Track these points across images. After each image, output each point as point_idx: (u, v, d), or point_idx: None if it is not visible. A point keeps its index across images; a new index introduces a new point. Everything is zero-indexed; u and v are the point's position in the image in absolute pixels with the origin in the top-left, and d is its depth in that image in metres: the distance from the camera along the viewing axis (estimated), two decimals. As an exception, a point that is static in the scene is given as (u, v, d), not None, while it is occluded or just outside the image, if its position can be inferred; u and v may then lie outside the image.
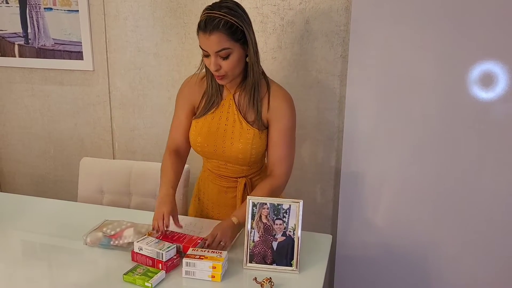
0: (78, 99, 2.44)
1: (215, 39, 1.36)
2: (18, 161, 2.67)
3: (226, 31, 1.36)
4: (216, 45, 1.37)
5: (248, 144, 1.51)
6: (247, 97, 1.51)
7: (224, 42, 1.37)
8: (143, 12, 2.19)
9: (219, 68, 1.41)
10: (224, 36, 1.36)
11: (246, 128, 1.51)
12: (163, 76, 2.26)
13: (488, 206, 1.80)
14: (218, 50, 1.37)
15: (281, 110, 1.50)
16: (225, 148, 1.53)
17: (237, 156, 1.53)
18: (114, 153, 2.47)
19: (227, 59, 1.39)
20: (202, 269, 1.28)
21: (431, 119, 1.78)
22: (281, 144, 1.52)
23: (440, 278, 1.92)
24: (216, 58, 1.39)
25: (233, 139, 1.52)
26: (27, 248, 1.49)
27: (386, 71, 1.79)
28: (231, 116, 1.53)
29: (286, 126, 1.52)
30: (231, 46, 1.38)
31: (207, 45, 1.38)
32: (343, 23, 1.93)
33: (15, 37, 2.43)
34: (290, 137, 1.53)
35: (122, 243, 1.44)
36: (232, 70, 1.42)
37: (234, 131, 1.52)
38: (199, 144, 1.56)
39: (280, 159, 1.53)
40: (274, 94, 1.51)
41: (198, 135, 1.56)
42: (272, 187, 1.51)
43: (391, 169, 1.88)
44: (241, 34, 1.39)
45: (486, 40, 1.66)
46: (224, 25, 1.35)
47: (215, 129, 1.54)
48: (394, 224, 1.93)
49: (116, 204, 1.98)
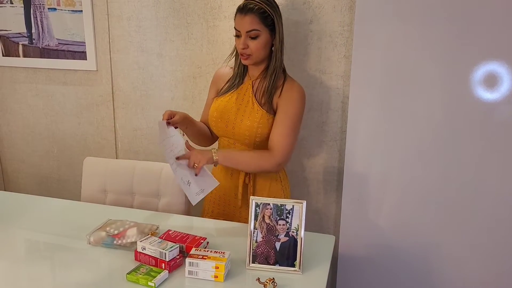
0: (81, 99, 2.45)
1: (248, 20, 1.57)
2: (22, 161, 2.68)
3: (259, 15, 1.57)
4: (248, 25, 1.57)
5: (255, 122, 1.64)
6: (265, 83, 1.66)
7: (255, 24, 1.57)
8: (146, 12, 2.20)
9: (247, 47, 1.60)
10: (256, 18, 1.57)
11: (256, 109, 1.65)
12: (166, 76, 2.26)
13: (491, 208, 1.79)
14: (249, 30, 1.57)
15: (291, 97, 1.64)
16: (235, 125, 1.67)
17: (244, 133, 1.65)
18: (117, 152, 2.48)
19: (255, 39, 1.59)
20: (205, 269, 1.28)
21: (435, 120, 1.78)
22: (284, 123, 1.63)
23: (443, 279, 1.91)
24: (246, 38, 1.59)
25: (243, 116, 1.66)
26: (31, 247, 1.49)
27: (390, 72, 1.79)
28: (246, 97, 1.68)
29: (291, 111, 1.63)
30: (260, 29, 1.58)
31: (241, 24, 1.59)
32: (346, 23, 1.93)
33: (19, 37, 2.44)
34: (293, 121, 1.64)
35: (125, 242, 1.44)
36: (258, 52, 1.61)
37: (246, 110, 1.66)
38: (214, 118, 1.72)
39: (280, 134, 1.63)
40: (288, 85, 1.67)
41: (215, 110, 1.72)
42: (262, 157, 1.63)
43: (394, 170, 1.87)
44: (271, 21, 1.60)
45: (491, 41, 1.66)
46: (258, 10, 1.57)
47: (230, 107, 1.69)
48: (397, 225, 1.92)
49: (119, 203, 1.98)
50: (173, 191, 1.95)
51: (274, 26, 1.61)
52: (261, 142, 1.67)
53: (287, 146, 1.63)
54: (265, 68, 1.69)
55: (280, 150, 1.62)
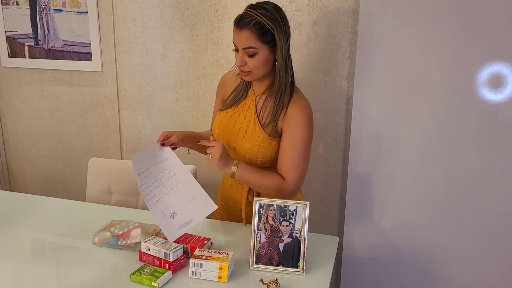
0: (86, 100, 2.46)
1: (244, 36, 1.40)
2: (28, 161, 2.70)
3: (256, 31, 1.40)
4: (244, 42, 1.41)
5: (255, 146, 1.52)
6: (271, 103, 1.52)
7: (252, 41, 1.40)
8: (151, 13, 2.21)
9: (244, 64, 1.45)
10: (253, 35, 1.40)
11: (257, 131, 1.52)
12: (171, 77, 2.27)
13: (496, 208, 1.79)
14: (245, 47, 1.42)
15: (296, 120, 1.49)
16: (236, 145, 1.57)
17: (245, 156, 1.55)
18: (122, 153, 2.49)
19: (252, 57, 1.43)
20: (209, 269, 1.28)
21: (439, 121, 1.78)
22: (291, 154, 1.50)
23: (447, 280, 1.91)
24: (243, 54, 1.44)
25: (244, 137, 1.54)
26: (36, 247, 1.50)
27: (394, 73, 1.79)
28: (248, 116, 1.56)
29: (298, 137, 1.49)
30: (258, 46, 1.41)
31: (237, 40, 1.43)
32: (350, 25, 1.93)
33: (25, 38, 2.46)
34: (301, 150, 1.50)
35: (129, 243, 1.45)
36: (257, 70, 1.45)
37: (247, 131, 1.54)
38: (216, 135, 1.62)
39: (288, 168, 1.50)
40: (293, 104, 1.50)
41: (217, 126, 1.62)
42: (278, 184, 1.50)
43: (398, 171, 1.87)
44: (271, 37, 1.42)
45: (495, 42, 1.65)
46: (255, 25, 1.39)
47: (232, 125, 1.58)
48: (401, 226, 1.92)
49: (124, 204, 1.99)
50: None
51: (275, 41, 1.42)
52: (263, 165, 1.56)
53: (298, 176, 1.51)
54: (270, 84, 1.53)
55: (292, 183, 1.50)
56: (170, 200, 1.43)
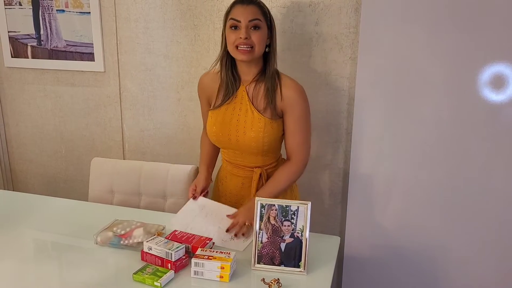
0: (89, 100, 2.47)
1: (252, 9, 1.53)
2: (30, 161, 2.71)
3: (261, 9, 1.56)
4: (252, 14, 1.52)
5: (260, 132, 1.58)
6: (262, 86, 1.60)
7: (258, 14, 1.54)
8: (153, 14, 2.21)
9: (249, 37, 1.52)
10: (259, 10, 1.55)
11: (257, 117, 1.59)
12: (173, 77, 2.27)
13: (498, 209, 1.79)
14: (253, 18, 1.52)
15: (294, 99, 1.58)
16: (238, 137, 1.61)
17: (250, 145, 1.61)
18: (124, 153, 2.49)
19: (257, 30, 1.53)
20: (211, 269, 1.29)
21: (441, 121, 1.78)
22: (297, 131, 1.61)
23: (449, 281, 1.91)
24: (247, 29, 1.52)
25: (245, 128, 1.60)
26: (39, 246, 1.51)
27: (396, 73, 1.79)
28: (243, 107, 1.62)
29: (300, 114, 1.60)
30: (262, 20, 1.54)
31: (242, 13, 1.52)
32: (352, 25, 1.93)
33: (28, 39, 2.47)
34: (304, 124, 1.62)
35: (132, 242, 1.45)
36: (259, 45, 1.53)
37: (247, 120, 1.60)
38: (214, 133, 1.67)
39: (298, 145, 1.62)
40: (285, 84, 1.60)
41: (213, 125, 1.66)
42: (289, 174, 1.64)
43: (399, 171, 1.87)
44: (269, 20, 1.59)
45: (497, 42, 1.65)
46: (259, 4, 1.56)
47: (229, 119, 1.63)
48: (402, 226, 1.92)
49: (126, 204, 2.00)
50: (180, 192, 1.96)
51: (271, 24, 1.59)
52: (269, 148, 1.64)
53: (306, 151, 1.65)
54: (259, 71, 1.62)
55: (301, 157, 1.64)
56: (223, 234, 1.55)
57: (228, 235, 1.53)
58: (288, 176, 1.64)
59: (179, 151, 2.37)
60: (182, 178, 1.96)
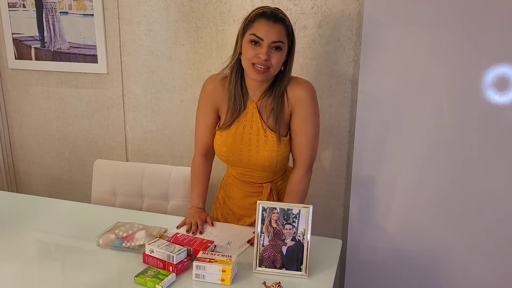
0: (92, 102, 2.48)
1: (279, 29, 1.43)
2: (34, 162, 2.72)
3: (286, 29, 1.45)
4: (277, 35, 1.42)
5: (273, 151, 1.53)
6: (273, 103, 1.52)
7: (283, 36, 1.44)
8: (156, 16, 2.22)
9: (269, 58, 1.43)
10: (284, 31, 1.45)
11: (270, 136, 1.53)
12: (175, 79, 2.28)
13: (500, 212, 1.78)
14: (277, 40, 1.42)
15: (300, 97, 1.52)
16: (250, 157, 1.56)
17: (264, 164, 1.55)
18: (127, 155, 2.50)
19: (278, 50, 1.44)
20: (212, 272, 1.29)
21: (444, 124, 1.77)
22: (302, 132, 1.53)
23: (451, 283, 1.90)
24: (269, 48, 1.42)
25: (258, 147, 1.54)
26: (41, 248, 1.51)
27: (398, 76, 1.79)
28: (254, 125, 1.54)
29: (306, 113, 1.52)
30: (285, 43, 1.45)
31: (268, 32, 1.41)
32: (355, 28, 1.93)
33: (31, 41, 2.48)
34: (311, 125, 1.54)
35: (134, 245, 1.46)
36: (276, 66, 1.45)
37: (259, 140, 1.53)
38: (224, 153, 1.59)
39: (301, 148, 1.55)
40: (293, 84, 1.53)
41: (223, 145, 1.58)
42: (301, 190, 1.59)
43: (402, 173, 1.87)
44: (292, 40, 1.49)
45: (500, 43, 1.65)
46: (286, 23, 1.46)
47: (240, 139, 1.55)
48: (405, 228, 1.92)
49: (129, 206, 2.00)
50: (182, 194, 1.96)
51: (292, 46, 1.49)
52: (282, 163, 1.60)
53: (311, 154, 1.58)
54: (267, 88, 1.53)
55: (309, 160, 1.58)
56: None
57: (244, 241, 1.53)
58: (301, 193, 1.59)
59: (182, 153, 2.37)
60: (184, 180, 1.96)
